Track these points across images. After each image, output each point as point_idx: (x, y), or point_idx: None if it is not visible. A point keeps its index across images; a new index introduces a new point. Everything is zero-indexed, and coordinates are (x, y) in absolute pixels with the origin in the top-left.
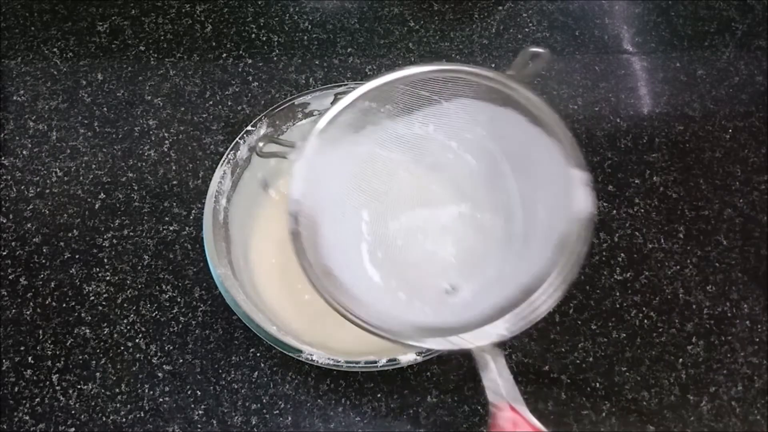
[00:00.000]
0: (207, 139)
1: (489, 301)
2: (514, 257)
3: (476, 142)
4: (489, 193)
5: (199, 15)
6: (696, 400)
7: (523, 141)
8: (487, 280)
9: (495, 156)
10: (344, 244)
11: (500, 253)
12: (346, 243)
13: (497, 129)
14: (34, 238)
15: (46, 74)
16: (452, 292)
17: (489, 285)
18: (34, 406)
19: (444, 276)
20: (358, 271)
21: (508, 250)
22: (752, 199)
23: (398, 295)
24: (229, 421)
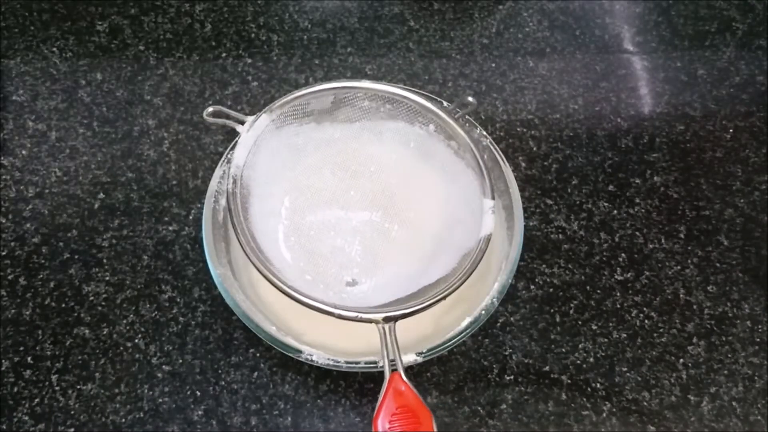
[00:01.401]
0: (206, 139)
1: (386, 294)
2: (416, 263)
3: (402, 159)
4: (401, 209)
5: (198, 14)
6: (697, 401)
7: (447, 165)
8: (386, 279)
9: (419, 174)
10: (266, 220)
11: (401, 259)
12: (267, 219)
13: (426, 149)
14: (33, 238)
15: (46, 74)
16: (353, 284)
17: (387, 283)
18: (34, 406)
19: (348, 270)
20: (273, 245)
21: (410, 256)
22: (753, 199)
23: (305, 276)
24: (228, 422)
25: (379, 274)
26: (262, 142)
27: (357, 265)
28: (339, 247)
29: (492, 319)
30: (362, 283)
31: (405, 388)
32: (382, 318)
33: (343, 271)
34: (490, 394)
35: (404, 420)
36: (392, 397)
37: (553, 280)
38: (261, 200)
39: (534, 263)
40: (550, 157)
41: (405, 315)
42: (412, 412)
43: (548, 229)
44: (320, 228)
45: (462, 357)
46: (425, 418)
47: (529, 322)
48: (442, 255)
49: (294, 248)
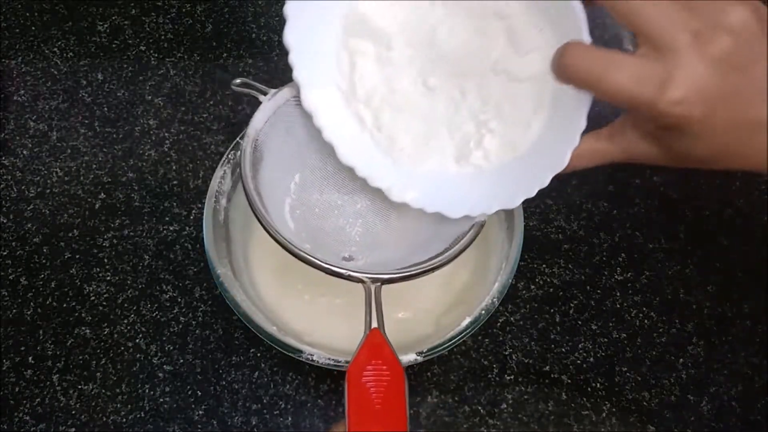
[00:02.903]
0: (207, 139)
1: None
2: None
3: None
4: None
5: (199, 15)
6: (696, 400)
7: None
8: (380, 259)
9: None
10: (274, 189)
11: (399, 242)
12: (275, 187)
13: None
14: (34, 238)
15: (47, 74)
16: (348, 259)
17: (381, 262)
18: (35, 406)
19: (346, 247)
20: (279, 213)
21: (404, 239)
22: (753, 199)
23: (304, 245)
24: (229, 422)
25: (376, 253)
26: (281, 117)
27: (356, 244)
28: (341, 227)
29: (492, 319)
30: (358, 259)
31: (382, 343)
32: (369, 279)
33: (342, 247)
34: (490, 393)
35: (377, 374)
36: (368, 350)
37: (553, 280)
38: (273, 168)
39: (534, 263)
40: None
41: (393, 280)
42: (386, 366)
43: (548, 229)
44: (325, 207)
45: (462, 357)
46: (397, 373)
47: (529, 322)
48: (433, 242)
49: (298, 220)
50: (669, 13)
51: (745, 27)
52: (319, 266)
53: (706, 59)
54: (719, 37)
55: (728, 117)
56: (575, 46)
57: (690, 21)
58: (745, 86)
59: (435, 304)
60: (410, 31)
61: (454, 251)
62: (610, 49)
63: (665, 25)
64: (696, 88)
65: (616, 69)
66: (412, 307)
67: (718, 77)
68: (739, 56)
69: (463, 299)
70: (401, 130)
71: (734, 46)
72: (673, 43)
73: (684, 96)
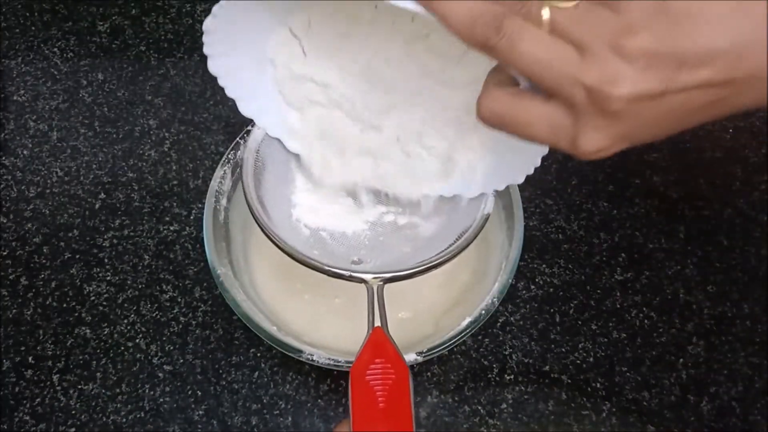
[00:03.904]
0: (207, 139)
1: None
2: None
3: None
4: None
5: (199, 15)
6: (696, 400)
7: None
8: (388, 261)
9: None
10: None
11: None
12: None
13: None
14: (34, 238)
15: (47, 74)
16: (358, 263)
17: (388, 264)
18: (35, 406)
19: (355, 251)
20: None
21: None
22: (752, 199)
23: (312, 251)
24: (229, 422)
25: (385, 255)
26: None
27: (365, 248)
28: (350, 236)
29: (492, 318)
30: (367, 262)
31: (385, 342)
32: (372, 278)
33: (351, 251)
34: (490, 393)
35: (381, 373)
36: (371, 349)
37: (553, 279)
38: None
39: (534, 263)
40: (549, 157)
41: (395, 278)
42: (390, 364)
43: (548, 229)
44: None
45: (462, 357)
46: (402, 372)
47: (529, 321)
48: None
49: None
50: (559, 65)
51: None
52: (323, 270)
53: (607, 115)
54: (613, 95)
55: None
56: (484, 98)
57: (583, 73)
58: (656, 113)
59: (435, 304)
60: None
61: (457, 247)
62: (521, 92)
63: (557, 78)
64: (604, 143)
65: (530, 122)
66: (413, 307)
67: (623, 125)
68: (640, 104)
69: (463, 299)
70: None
71: (631, 99)
72: (571, 98)
73: (596, 150)
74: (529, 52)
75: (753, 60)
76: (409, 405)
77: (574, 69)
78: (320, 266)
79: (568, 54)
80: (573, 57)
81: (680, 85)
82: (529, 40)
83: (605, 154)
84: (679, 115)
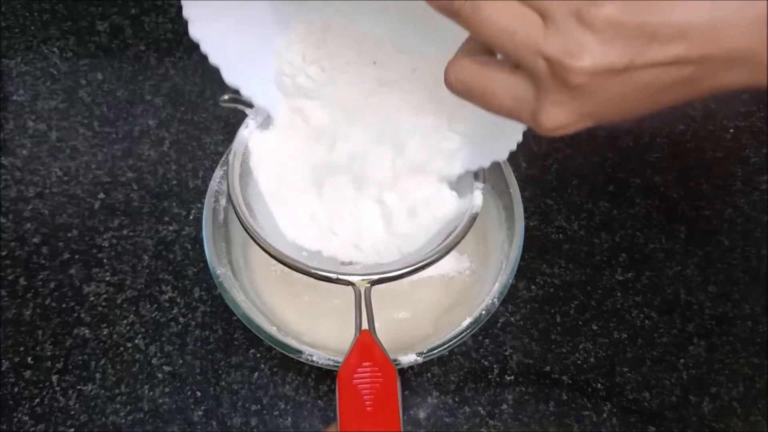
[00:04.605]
0: (207, 139)
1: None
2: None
3: None
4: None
5: None
6: (697, 401)
7: None
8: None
9: None
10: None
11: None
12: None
13: None
14: (33, 238)
15: (46, 74)
16: (347, 263)
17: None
18: (34, 406)
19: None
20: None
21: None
22: (753, 199)
23: (302, 253)
24: (228, 422)
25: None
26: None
27: (356, 248)
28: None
29: (492, 319)
30: (357, 263)
31: (372, 345)
32: (359, 280)
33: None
34: (490, 394)
35: (369, 376)
36: (359, 352)
37: (553, 280)
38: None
39: (534, 263)
40: (550, 157)
41: (382, 280)
42: (378, 368)
43: (548, 229)
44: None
45: (462, 357)
46: (389, 374)
47: (530, 322)
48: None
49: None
50: (521, 34)
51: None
52: (308, 272)
53: (568, 88)
54: (574, 68)
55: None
56: (452, 65)
57: (545, 44)
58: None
59: (435, 304)
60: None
61: (444, 247)
62: (490, 61)
63: (519, 48)
64: (566, 119)
65: (494, 90)
66: (412, 307)
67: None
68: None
69: (463, 299)
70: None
71: (593, 72)
72: (533, 70)
73: (557, 126)
74: (492, 19)
75: (734, 38)
76: (396, 408)
77: (536, 38)
78: (307, 269)
79: (532, 23)
80: (536, 26)
81: (648, 60)
82: (494, 6)
83: (567, 131)
84: (648, 93)
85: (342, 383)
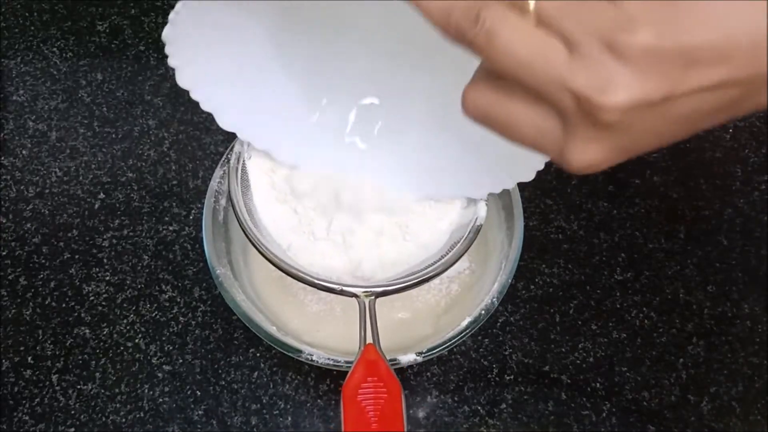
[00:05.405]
0: (207, 139)
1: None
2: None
3: None
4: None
5: None
6: (696, 401)
7: None
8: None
9: None
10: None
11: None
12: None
13: None
14: (33, 238)
15: (46, 74)
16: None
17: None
18: (34, 406)
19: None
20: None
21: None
22: (753, 199)
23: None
24: (228, 422)
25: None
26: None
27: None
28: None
29: (492, 319)
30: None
31: (377, 360)
32: (363, 292)
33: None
34: (489, 393)
35: (373, 391)
36: (363, 367)
37: (552, 280)
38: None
39: (534, 263)
40: None
41: (386, 292)
42: (383, 383)
43: (548, 229)
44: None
45: (462, 357)
46: (394, 391)
47: (529, 322)
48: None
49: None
50: (543, 65)
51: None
52: (312, 283)
53: (599, 126)
54: (606, 105)
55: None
56: (470, 89)
57: (571, 77)
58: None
59: (435, 304)
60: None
61: (449, 260)
62: (511, 87)
63: (541, 81)
64: (596, 157)
65: (516, 123)
66: (412, 307)
67: (620, 138)
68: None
69: (463, 299)
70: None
71: (627, 109)
72: (558, 104)
73: (587, 165)
74: (508, 48)
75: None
76: (401, 425)
77: (561, 70)
78: (311, 280)
79: (554, 51)
80: (560, 55)
81: (688, 88)
82: (510, 33)
83: (598, 168)
84: (686, 122)
85: (347, 399)
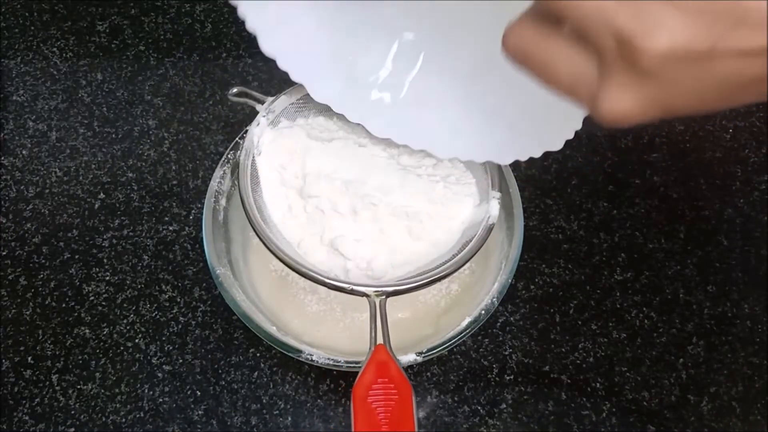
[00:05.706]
0: (207, 139)
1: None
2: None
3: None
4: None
5: (198, 14)
6: (696, 401)
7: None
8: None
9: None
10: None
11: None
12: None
13: None
14: (33, 238)
15: (46, 74)
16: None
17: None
18: (34, 406)
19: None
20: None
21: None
22: (752, 199)
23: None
24: (228, 422)
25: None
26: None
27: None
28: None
29: (492, 319)
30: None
31: (388, 361)
32: (373, 292)
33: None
34: (489, 393)
35: (384, 392)
36: (374, 368)
37: (552, 279)
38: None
39: (534, 263)
40: (549, 157)
41: (397, 292)
42: (393, 385)
43: (548, 229)
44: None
45: (462, 357)
46: (405, 392)
47: (529, 322)
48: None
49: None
50: (593, 2)
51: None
52: (323, 282)
53: (637, 71)
54: (645, 48)
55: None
56: (512, 28)
57: (615, 15)
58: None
59: (435, 304)
60: None
61: (461, 259)
62: (554, 31)
63: (584, 16)
64: (630, 107)
65: (554, 61)
66: (412, 307)
67: (656, 88)
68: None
69: (463, 299)
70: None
71: (668, 56)
72: (598, 42)
73: (620, 113)
74: None
75: None
76: (413, 426)
77: (606, 7)
78: (322, 279)
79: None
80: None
81: (732, 46)
82: None
83: (630, 121)
84: (721, 89)
85: (357, 401)
